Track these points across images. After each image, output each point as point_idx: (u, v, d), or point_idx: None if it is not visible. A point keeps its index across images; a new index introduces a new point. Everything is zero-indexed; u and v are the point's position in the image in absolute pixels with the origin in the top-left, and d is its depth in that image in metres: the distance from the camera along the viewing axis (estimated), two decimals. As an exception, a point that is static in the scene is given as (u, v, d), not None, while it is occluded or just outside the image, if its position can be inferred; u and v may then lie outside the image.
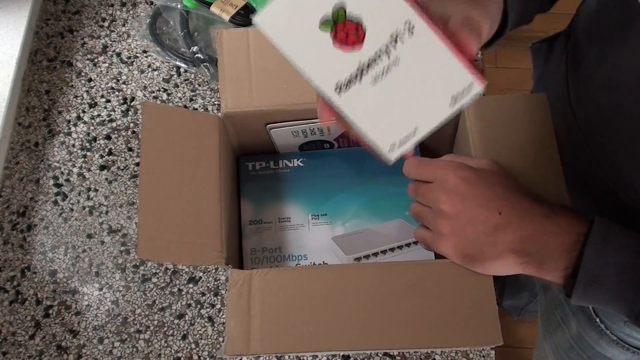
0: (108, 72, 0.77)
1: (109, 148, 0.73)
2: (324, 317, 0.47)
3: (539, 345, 0.85)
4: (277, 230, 0.61)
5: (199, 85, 0.75)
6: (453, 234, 0.45)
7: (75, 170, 0.72)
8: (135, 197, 0.70)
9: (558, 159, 0.49)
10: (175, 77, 0.76)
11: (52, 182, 0.71)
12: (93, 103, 0.75)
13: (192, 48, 0.75)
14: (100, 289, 0.66)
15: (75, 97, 0.76)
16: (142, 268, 0.67)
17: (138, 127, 0.74)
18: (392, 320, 0.46)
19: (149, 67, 0.77)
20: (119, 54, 0.78)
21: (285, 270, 0.50)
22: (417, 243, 0.58)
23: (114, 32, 0.79)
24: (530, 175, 0.49)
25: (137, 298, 0.65)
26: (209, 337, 0.63)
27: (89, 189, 0.70)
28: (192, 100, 0.75)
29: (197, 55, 0.74)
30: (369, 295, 0.47)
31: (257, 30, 0.35)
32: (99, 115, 0.74)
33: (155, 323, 0.64)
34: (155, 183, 0.50)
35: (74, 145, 0.73)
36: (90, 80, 0.76)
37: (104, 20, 0.80)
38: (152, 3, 0.80)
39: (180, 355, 0.63)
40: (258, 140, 0.61)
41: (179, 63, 0.75)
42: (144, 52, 0.78)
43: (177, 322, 0.64)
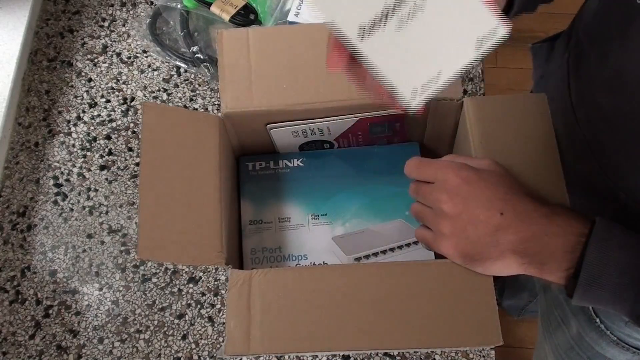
0: (108, 72, 0.77)
1: (109, 148, 0.73)
2: (324, 317, 0.46)
3: (539, 346, 0.84)
4: (277, 230, 0.61)
5: (199, 85, 0.75)
6: (454, 234, 0.45)
7: (75, 170, 0.72)
8: (135, 197, 0.70)
9: (558, 159, 0.49)
10: (175, 77, 0.76)
11: (52, 182, 0.71)
12: (93, 103, 0.75)
13: (192, 48, 0.75)
14: (100, 289, 0.66)
15: (75, 97, 0.76)
16: (142, 268, 0.67)
17: (138, 127, 0.74)
18: (392, 320, 0.46)
19: (149, 67, 0.77)
20: (119, 54, 0.78)
21: (285, 270, 0.50)
22: (417, 243, 0.58)
23: (114, 32, 0.79)
24: (530, 176, 0.49)
25: (137, 298, 0.65)
26: (209, 337, 0.63)
27: (89, 189, 0.70)
28: (192, 100, 0.75)
29: (197, 55, 0.74)
30: (369, 295, 0.47)
31: (257, 30, 0.34)
32: (99, 115, 0.74)
33: (155, 323, 0.64)
34: (155, 183, 0.50)
35: (74, 145, 0.73)
36: (90, 80, 0.76)
37: (104, 20, 0.80)
38: (152, 3, 0.80)
39: (180, 355, 0.63)
40: (258, 140, 0.61)
41: (179, 63, 0.75)
42: (144, 52, 0.78)
43: (177, 322, 0.64)
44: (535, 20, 0.52)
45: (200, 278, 0.66)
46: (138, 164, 0.71)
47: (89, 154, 0.72)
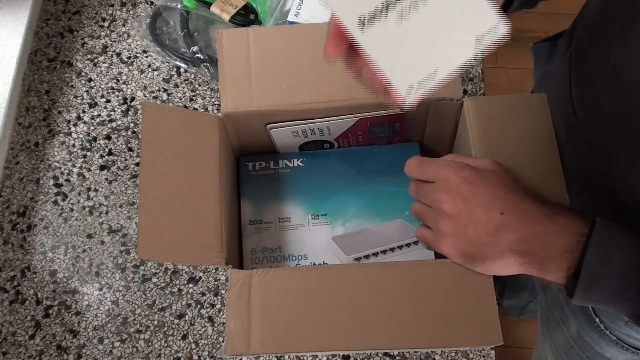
0: (108, 72, 0.77)
1: (109, 148, 0.73)
2: (324, 317, 0.46)
3: (539, 346, 0.84)
4: (277, 230, 0.61)
5: (199, 85, 0.75)
6: (454, 234, 0.45)
7: (75, 170, 0.72)
8: (135, 197, 0.70)
9: (558, 159, 0.49)
10: (175, 77, 0.76)
11: (52, 182, 0.71)
12: (93, 103, 0.75)
13: (192, 48, 0.74)
14: (100, 289, 0.66)
15: (75, 97, 0.75)
16: (142, 268, 0.67)
17: (138, 127, 0.74)
18: (392, 320, 0.46)
19: (149, 67, 0.77)
20: (119, 54, 0.78)
21: (285, 270, 0.50)
22: (417, 243, 0.58)
23: (114, 32, 0.79)
24: (530, 175, 0.49)
25: (137, 298, 0.65)
26: (209, 337, 0.63)
27: (89, 189, 0.70)
28: (192, 100, 0.75)
29: (197, 55, 0.74)
30: (369, 295, 0.47)
31: (257, 30, 0.34)
32: (99, 115, 0.74)
33: (155, 323, 0.64)
34: (155, 183, 0.50)
35: (74, 145, 0.73)
36: (90, 80, 0.76)
37: (104, 20, 0.80)
38: (152, 3, 0.80)
39: (180, 355, 0.63)
40: (258, 140, 0.61)
41: (179, 63, 0.75)
42: (144, 52, 0.78)
43: (177, 322, 0.64)
44: (536, 20, 0.52)
45: (200, 278, 0.66)
46: (138, 164, 0.71)
47: (89, 154, 0.72)
